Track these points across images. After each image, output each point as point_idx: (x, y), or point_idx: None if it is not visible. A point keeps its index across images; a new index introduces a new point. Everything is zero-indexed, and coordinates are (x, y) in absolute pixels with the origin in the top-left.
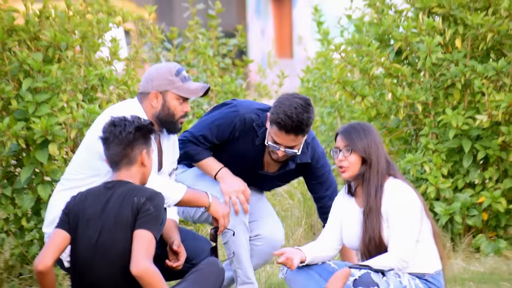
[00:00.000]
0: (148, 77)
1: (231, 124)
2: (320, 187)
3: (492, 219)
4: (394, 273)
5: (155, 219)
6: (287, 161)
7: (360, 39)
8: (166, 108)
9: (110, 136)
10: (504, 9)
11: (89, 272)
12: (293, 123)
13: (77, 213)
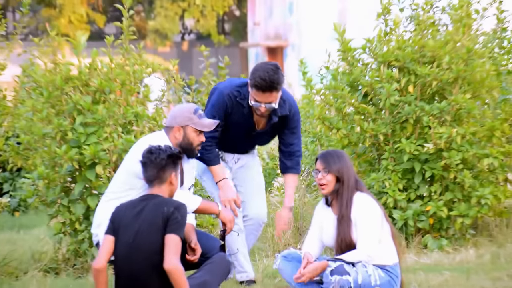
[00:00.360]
0: (173, 115)
1: (223, 104)
2: (291, 136)
3: (437, 223)
4: (361, 265)
5: (181, 225)
6: (271, 116)
7: (335, 85)
8: (186, 138)
9: (147, 161)
10: (445, 63)
11: (126, 265)
12: (267, 84)
13: (119, 220)
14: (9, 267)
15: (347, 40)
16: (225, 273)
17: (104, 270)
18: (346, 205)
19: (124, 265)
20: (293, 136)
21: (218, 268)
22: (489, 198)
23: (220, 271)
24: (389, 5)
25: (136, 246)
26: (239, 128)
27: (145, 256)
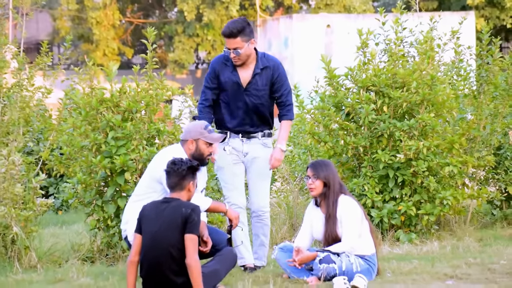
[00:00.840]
0: (187, 130)
1: (212, 69)
2: (280, 88)
3: (407, 220)
4: (345, 255)
5: (197, 225)
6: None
7: (323, 106)
8: (198, 150)
9: (171, 170)
10: (413, 88)
11: (149, 255)
12: (229, 30)
13: (144, 219)
14: (53, 256)
15: (332, 69)
16: (232, 263)
17: (135, 263)
18: (332, 206)
19: (147, 255)
20: (282, 88)
21: (226, 259)
22: (450, 199)
23: (228, 262)
24: (367, 40)
25: (157, 239)
26: (228, 86)
27: (163, 248)
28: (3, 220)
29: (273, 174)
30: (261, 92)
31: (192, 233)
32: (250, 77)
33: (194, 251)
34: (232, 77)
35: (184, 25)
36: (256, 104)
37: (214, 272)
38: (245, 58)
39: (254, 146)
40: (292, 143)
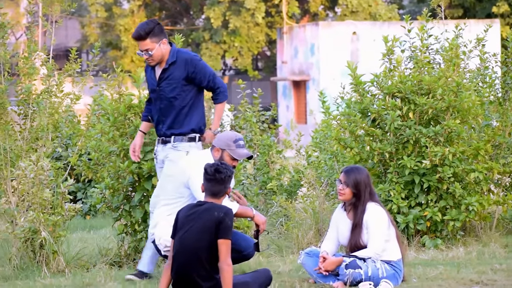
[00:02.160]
0: (219, 137)
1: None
2: (203, 77)
3: (433, 226)
4: (371, 260)
5: (230, 228)
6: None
7: (349, 112)
8: (221, 159)
9: (213, 177)
10: (438, 95)
11: (179, 257)
12: (136, 33)
13: (178, 222)
14: (81, 260)
15: (358, 75)
16: (265, 282)
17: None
18: (360, 215)
19: (177, 258)
20: (204, 77)
21: (260, 276)
22: (475, 205)
23: (261, 279)
24: (393, 47)
25: (186, 242)
26: (148, 84)
27: (192, 251)
28: (31, 225)
29: (299, 179)
30: (172, 86)
31: (225, 238)
32: (160, 73)
33: (227, 255)
34: (151, 79)
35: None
36: (169, 98)
37: (244, 284)
38: (158, 58)
39: (167, 151)
40: (318, 148)
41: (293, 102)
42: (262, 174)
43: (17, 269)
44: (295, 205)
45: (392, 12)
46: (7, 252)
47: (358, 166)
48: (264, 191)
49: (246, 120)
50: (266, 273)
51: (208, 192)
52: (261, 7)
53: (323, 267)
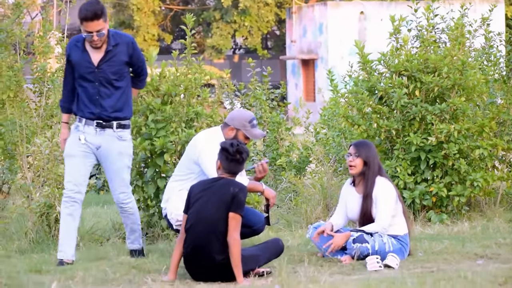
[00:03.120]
0: (232, 116)
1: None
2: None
3: (438, 201)
4: (378, 235)
5: (243, 204)
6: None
7: (356, 90)
8: (235, 138)
9: (235, 158)
10: (444, 73)
11: (193, 230)
12: (91, 13)
13: (191, 197)
14: (95, 235)
15: (366, 54)
16: (275, 253)
17: (182, 241)
18: (370, 186)
19: (192, 231)
20: (139, 61)
21: (269, 248)
22: (480, 181)
23: (270, 250)
24: (399, 26)
25: (202, 215)
26: (81, 67)
27: (208, 224)
28: (47, 200)
29: (307, 156)
30: (115, 68)
31: (236, 212)
32: (102, 55)
33: (235, 230)
34: (84, 60)
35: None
36: (111, 80)
37: (253, 256)
38: (105, 39)
39: (108, 139)
40: (327, 126)
41: (302, 80)
42: (271, 150)
43: (33, 243)
44: (304, 181)
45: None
46: (23, 226)
47: (365, 140)
48: (273, 167)
49: (256, 98)
50: (275, 243)
51: (226, 170)
52: None
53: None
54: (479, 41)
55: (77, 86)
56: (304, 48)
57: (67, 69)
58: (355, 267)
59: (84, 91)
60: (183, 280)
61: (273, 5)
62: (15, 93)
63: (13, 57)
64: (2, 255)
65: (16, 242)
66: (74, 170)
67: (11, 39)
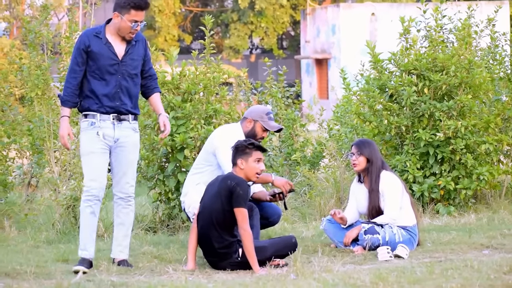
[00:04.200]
0: (251, 109)
1: (80, 43)
2: (148, 61)
3: (446, 194)
4: (388, 226)
5: (243, 198)
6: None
7: (368, 88)
8: (253, 130)
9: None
10: (452, 71)
11: (200, 221)
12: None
13: (205, 188)
14: None
15: (376, 54)
16: (284, 248)
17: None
18: (375, 181)
19: (199, 219)
20: (149, 61)
21: (279, 242)
22: (486, 175)
23: (280, 245)
24: (409, 27)
25: (205, 206)
26: (104, 59)
27: (208, 214)
28: (73, 193)
29: (321, 151)
30: (136, 63)
31: (239, 206)
32: (124, 48)
33: (243, 222)
34: (107, 52)
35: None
36: (132, 75)
37: (261, 248)
38: None
39: (126, 130)
40: (339, 122)
41: (315, 78)
42: (286, 146)
43: (60, 234)
44: (318, 175)
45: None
46: (50, 218)
47: (366, 139)
48: (288, 162)
49: (272, 95)
50: (287, 240)
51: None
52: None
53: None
54: (485, 40)
55: (90, 79)
56: (317, 48)
57: (79, 61)
58: (366, 257)
59: (103, 84)
60: (203, 270)
61: (288, 7)
62: (43, 91)
63: (41, 56)
64: (31, 245)
65: (44, 233)
66: (97, 167)
67: (39, 40)
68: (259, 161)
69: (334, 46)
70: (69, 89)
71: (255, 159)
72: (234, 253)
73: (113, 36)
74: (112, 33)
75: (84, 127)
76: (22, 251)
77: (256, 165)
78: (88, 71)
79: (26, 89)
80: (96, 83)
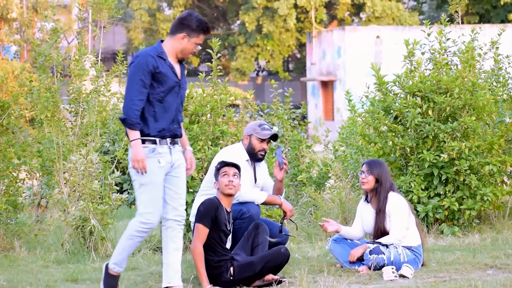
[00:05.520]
0: (246, 127)
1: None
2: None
3: (450, 214)
4: (393, 246)
5: (202, 214)
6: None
7: (373, 110)
8: (250, 145)
9: None
10: (456, 94)
11: None
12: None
13: None
14: None
15: (381, 76)
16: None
17: None
18: (382, 202)
19: None
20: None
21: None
22: (490, 196)
23: (269, 259)
24: (413, 49)
25: None
26: (170, 80)
27: None
28: (82, 214)
29: (327, 172)
30: (185, 84)
31: (196, 222)
32: (179, 69)
33: (194, 238)
34: (171, 72)
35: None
36: (183, 98)
37: (248, 264)
38: None
39: (178, 153)
40: (345, 143)
41: (321, 100)
42: (292, 167)
43: (69, 254)
44: (323, 196)
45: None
46: (60, 238)
47: (378, 159)
48: (294, 182)
49: (278, 117)
50: (276, 252)
51: None
52: (293, 13)
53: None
54: (488, 63)
55: (154, 102)
56: (323, 70)
57: (146, 83)
58: (372, 277)
59: (165, 107)
60: None
61: (293, 30)
62: (53, 113)
63: (51, 79)
64: (41, 265)
65: (53, 253)
66: (157, 199)
67: (49, 62)
68: (226, 175)
69: (339, 68)
70: (137, 111)
71: (222, 174)
72: (225, 272)
73: (170, 57)
74: (169, 54)
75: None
76: (32, 271)
77: (222, 179)
78: (151, 94)
79: (36, 111)
80: (159, 106)
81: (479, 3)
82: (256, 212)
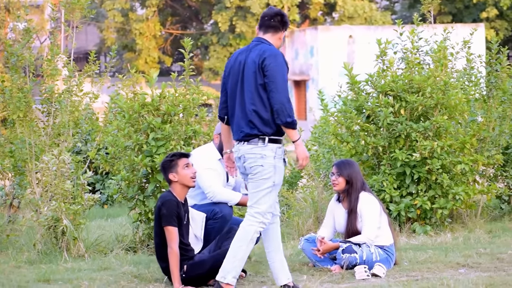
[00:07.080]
0: (216, 126)
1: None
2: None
3: (422, 213)
4: (365, 245)
5: (167, 216)
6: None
7: (345, 109)
8: (221, 143)
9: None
10: (428, 93)
11: None
12: None
13: None
14: (99, 246)
15: (354, 75)
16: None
17: None
18: (354, 202)
19: None
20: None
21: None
22: (462, 195)
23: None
24: (386, 49)
25: None
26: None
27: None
28: (54, 214)
29: (299, 171)
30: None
31: (165, 225)
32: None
33: (169, 240)
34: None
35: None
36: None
37: (200, 262)
38: None
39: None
40: (317, 143)
41: (294, 100)
42: None
43: (41, 254)
44: (296, 195)
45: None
46: (32, 239)
47: (348, 159)
48: None
49: None
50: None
51: None
52: None
53: (321, 250)
54: (460, 62)
55: None
56: (296, 69)
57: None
58: (344, 276)
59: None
60: None
61: None
62: (25, 113)
63: (23, 79)
64: (13, 265)
65: (25, 253)
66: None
67: (21, 63)
68: (188, 166)
69: (312, 68)
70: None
71: (182, 166)
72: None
73: None
74: None
75: (279, 154)
76: (4, 271)
77: (186, 171)
78: None
79: (8, 111)
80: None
81: (452, 2)
82: (228, 212)
